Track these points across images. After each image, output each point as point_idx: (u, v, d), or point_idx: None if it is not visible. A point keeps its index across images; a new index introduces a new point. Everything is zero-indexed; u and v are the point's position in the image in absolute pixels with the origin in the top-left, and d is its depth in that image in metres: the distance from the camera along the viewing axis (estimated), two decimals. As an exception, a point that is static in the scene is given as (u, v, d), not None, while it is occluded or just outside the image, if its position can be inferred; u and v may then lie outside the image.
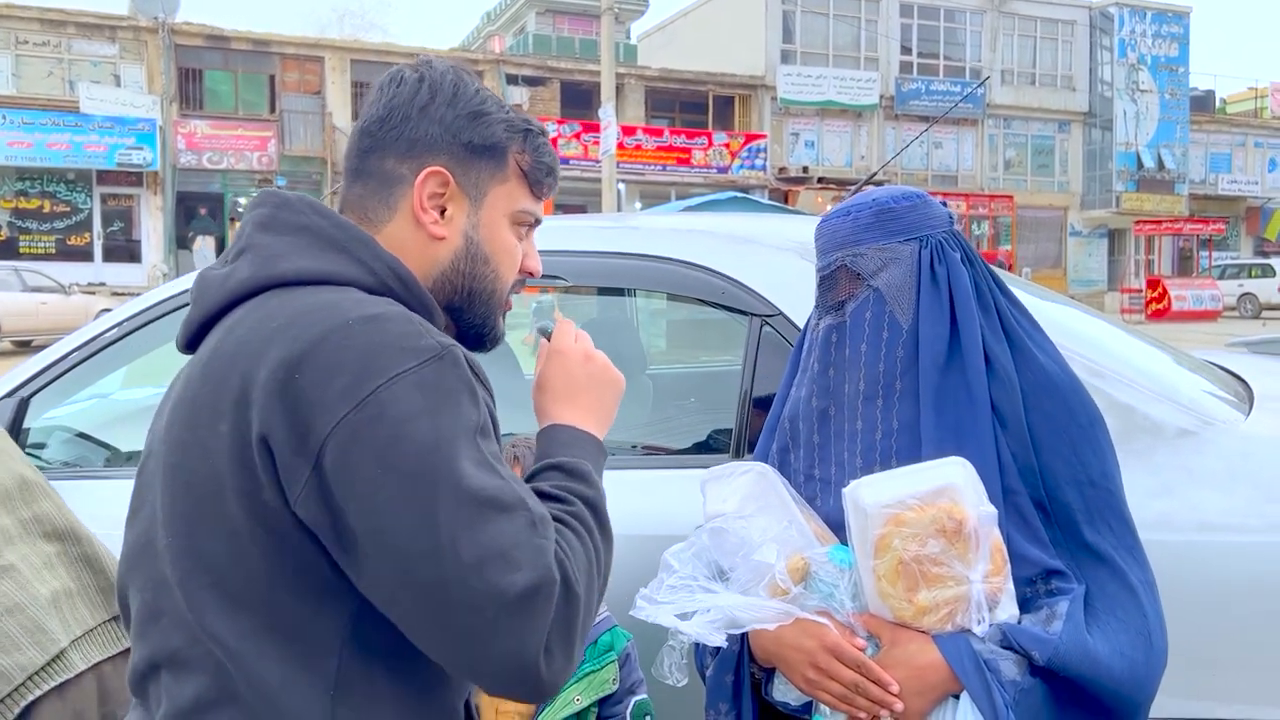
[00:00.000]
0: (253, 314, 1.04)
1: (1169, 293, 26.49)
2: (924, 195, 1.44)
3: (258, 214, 1.14)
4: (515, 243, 1.20)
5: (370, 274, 1.08)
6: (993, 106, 32.11)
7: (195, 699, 1.01)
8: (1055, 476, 1.34)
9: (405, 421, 0.94)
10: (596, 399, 1.20)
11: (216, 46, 25.19)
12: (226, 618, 1.00)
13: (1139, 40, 32.69)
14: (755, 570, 1.29)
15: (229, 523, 0.99)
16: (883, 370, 1.39)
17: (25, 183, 23.20)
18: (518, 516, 0.95)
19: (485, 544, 0.92)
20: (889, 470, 1.33)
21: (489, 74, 26.80)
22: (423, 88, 1.15)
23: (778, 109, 29.51)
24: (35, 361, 2.33)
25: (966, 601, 1.25)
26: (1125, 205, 32.42)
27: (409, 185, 1.14)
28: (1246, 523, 1.68)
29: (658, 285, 2.15)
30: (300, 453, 0.95)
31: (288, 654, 1.00)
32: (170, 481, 1.03)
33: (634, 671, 1.69)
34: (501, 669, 0.93)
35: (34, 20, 23.60)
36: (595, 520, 1.06)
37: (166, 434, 1.06)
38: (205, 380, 1.03)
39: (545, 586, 0.93)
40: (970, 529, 1.23)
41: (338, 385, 0.95)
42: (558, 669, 0.94)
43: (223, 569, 1.00)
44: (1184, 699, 1.66)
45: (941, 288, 1.38)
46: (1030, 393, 1.36)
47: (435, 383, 0.97)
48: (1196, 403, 1.86)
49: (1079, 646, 1.25)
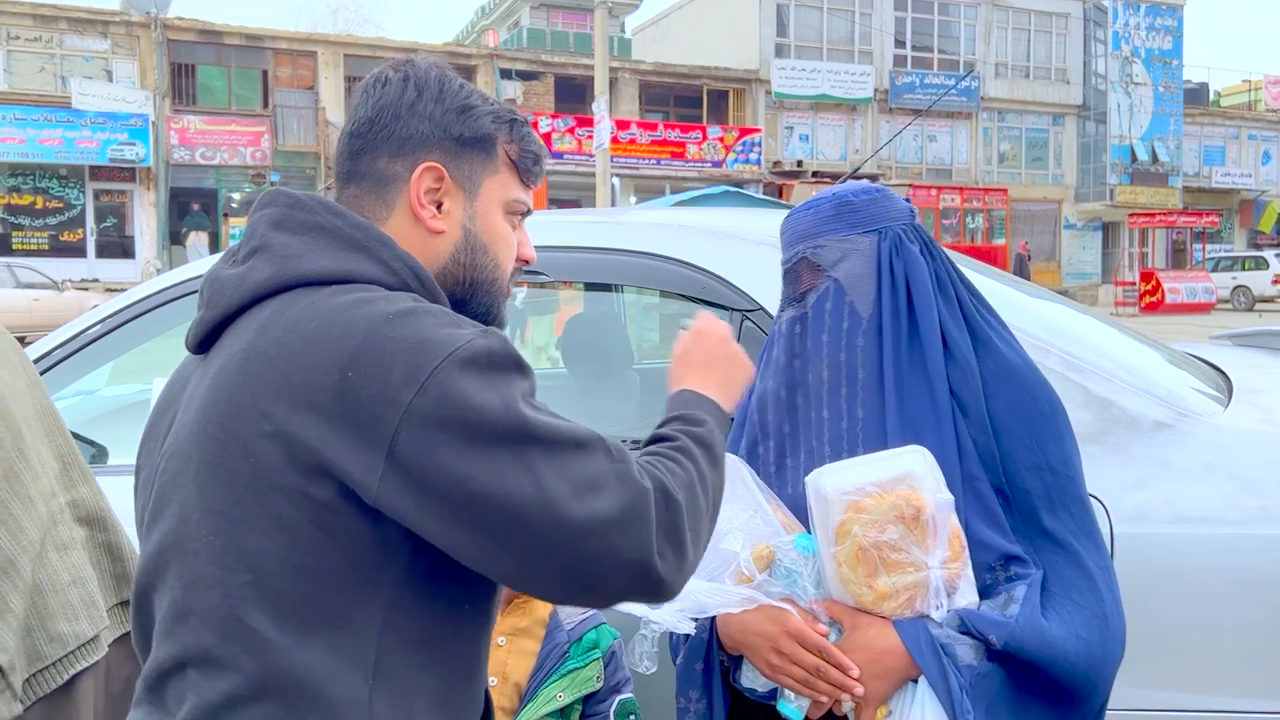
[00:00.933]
0: (284, 314, 1.05)
1: (1162, 285, 26.54)
2: (885, 190, 1.48)
3: (270, 213, 1.14)
4: (510, 231, 1.22)
5: (391, 273, 1.10)
6: (987, 100, 32.11)
7: (227, 695, 1.01)
8: (1015, 463, 1.36)
9: (469, 395, 0.98)
10: (727, 375, 1.27)
11: (209, 41, 25.12)
12: (269, 612, 1.01)
13: (1133, 33, 32.69)
14: (721, 558, 1.32)
15: (274, 520, 1.01)
16: (844, 360, 1.41)
17: (18, 179, 23.13)
18: (595, 449, 1.01)
19: (575, 479, 0.98)
20: (852, 458, 1.35)
21: (483, 68, 26.75)
22: (409, 86, 1.16)
23: (772, 103, 29.49)
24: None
25: (925, 587, 1.28)
26: (1119, 198, 32.45)
27: (404, 182, 1.15)
28: (1223, 515, 1.69)
29: (639, 280, 2.16)
30: (369, 446, 0.98)
31: (329, 644, 1.02)
32: (207, 480, 1.04)
33: (620, 670, 1.69)
34: (625, 579, 0.99)
35: (26, 15, 23.52)
36: (702, 451, 1.13)
37: (198, 434, 1.06)
38: (244, 381, 1.03)
39: (639, 498, 0.99)
40: (928, 515, 1.26)
41: (396, 375, 0.98)
42: (674, 567, 1.01)
43: (266, 565, 1.01)
44: (1161, 691, 1.67)
45: (900, 279, 1.41)
46: (991, 380, 1.39)
47: (486, 357, 1.01)
48: (1174, 396, 1.87)
49: (1035, 630, 1.27)
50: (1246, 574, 1.66)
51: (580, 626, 1.68)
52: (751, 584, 1.32)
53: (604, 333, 3.17)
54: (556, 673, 1.63)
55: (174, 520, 1.07)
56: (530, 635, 1.66)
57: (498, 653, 1.63)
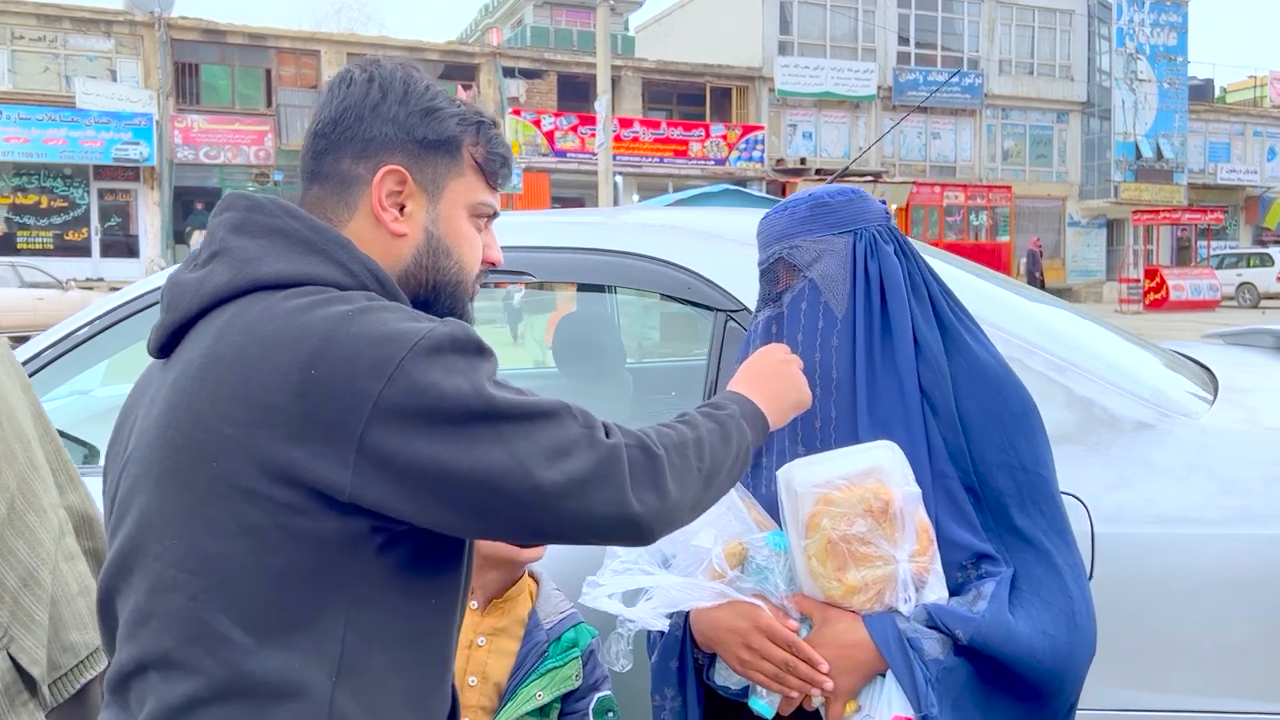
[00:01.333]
0: (241, 318, 1.05)
1: (1167, 283, 26.47)
2: (860, 191, 1.49)
3: (229, 217, 1.14)
4: (475, 234, 1.22)
5: (349, 275, 1.10)
6: (991, 97, 32.05)
7: (186, 697, 1.02)
8: (986, 462, 1.38)
9: (437, 382, 1.00)
10: (777, 389, 1.31)
11: (213, 41, 25.16)
12: (232, 615, 1.02)
13: (1137, 29, 32.60)
14: (694, 555, 1.33)
15: (236, 523, 1.01)
16: (819, 360, 1.42)
17: (22, 178, 23.19)
18: (562, 417, 1.04)
19: (547, 446, 1.02)
20: (823, 452, 1.37)
21: (485, 67, 26.76)
22: (373, 87, 1.16)
23: (775, 100, 29.47)
24: None
25: (894, 581, 1.29)
26: (1124, 195, 32.38)
27: (366, 185, 1.15)
28: (1204, 515, 1.69)
29: (623, 280, 2.16)
30: (337, 442, 0.99)
31: (292, 645, 1.02)
32: (169, 485, 1.04)
33: (598, 668, 1.69)
34: (607, 528, 1.04)
35: (30, 15, 23.57)
36: (709, 423, 1.17)
37: (158, 439, 1.06)
38: (203, 386, 1.03)
39: (610, 453, 1.03)
40: (896, 509, 1.27)
41: (361, 368, 0.99)
42: (655, 508, 1.05)
43: (228, 568, 1.02)
44: (1141, 691, 1.67)
45: (874, 279, 1.43)
46: (962, 379, 1.40)
47: (449, 344, 1.03)
48: (1158, 395, 1.87)
49: (1001, 625, 1.28)
50: (1227, 574, 1.66)
51: (559, 625, 1.68)
52: (724, 580, 1.33)
53: (596, 332, 3.18)
54: (536, 672, 1.63)
55: (136, 525, 1.07)
56: (509, 635, 1.66)
57: (478, 653, 1.64)
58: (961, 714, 1.28)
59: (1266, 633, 1.64)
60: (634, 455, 1.05)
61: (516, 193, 25.25)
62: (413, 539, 1.07)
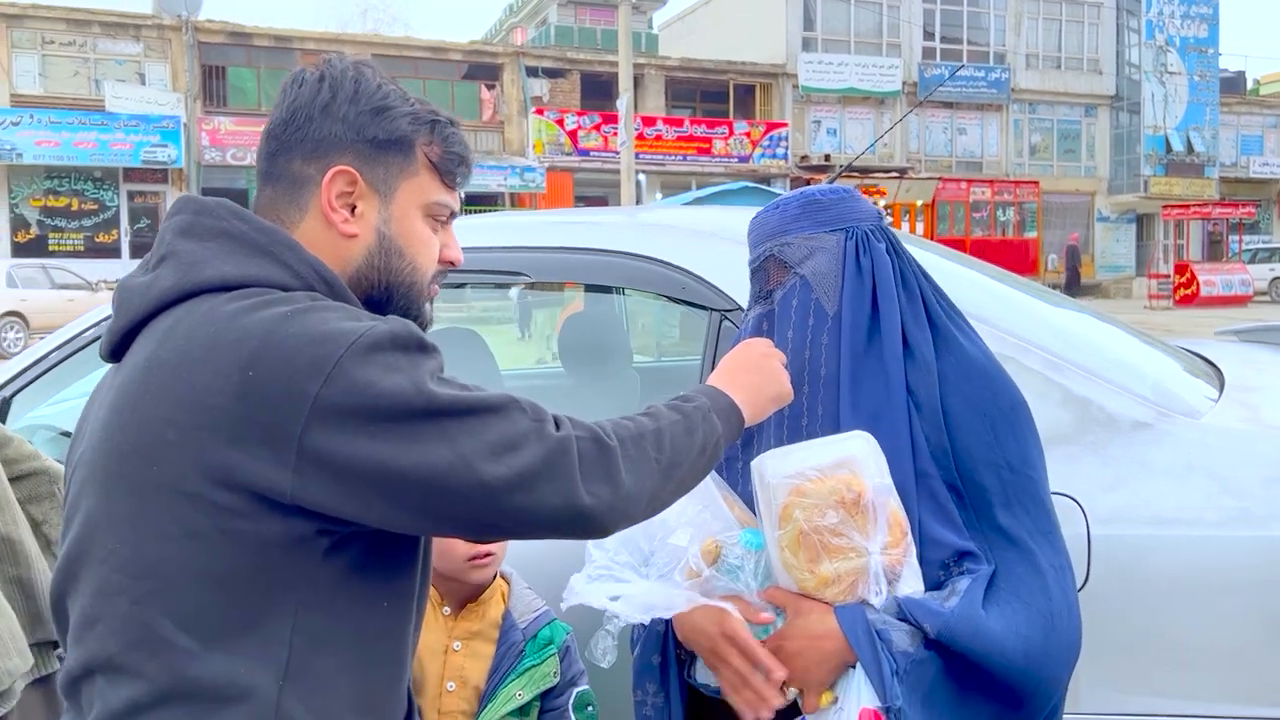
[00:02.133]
0: (184, 321, 1.05)
1: (1197, 278, 26.11)
2: (852, 191, 1.49)
3: (178, 220, 1.14)
4: (430, 234, 1.21)
5: (296, 277, 1.10)
6: (1018, 91, 31.76)
7: (130, 702, 1.02)
8: (972, 459, 1.36)
9: (375, 381, 0.99)
10: (756, 382, 1.29)
11: (239, 43, 25.37)
12: (175, 618, 1.01)
13: (1167, 21, 32.18)
14: (671, 554, 1.33)
15: (179, 527, 1.01)
16: (808, 357, 1.42)
17: (53, 181, 23.48)
18: (509, 410, 1.03)
19: (493, 441, 1.01)
20: (796, 443, 1.36)
21: (509, 66, 26.82)
22: (323, 87, 1.15)
23: (799, 97, 29.34)
24: (17, 361, 2.36)
25: (866, 573, 1.28)
26: (1153, 189, 31.98)
27: (317, 185, 1.15)
28: (1202, 516, 1.66)
29: (619, 280, 2.15)
30: (277, 444, 0.98)
31: (237, 649, 1.02)
32: (111, 489, 1.05)
33: (574, 663, 1.70)
34: (557, 521, 1.03)
35: (60, 20, 23.86)
36: (674, 415, 1.16)
37: (103, 443, 1.06)
38: (146, 390, 1.04)
39: (559, 445, 1.03)
40: (868, 500, 1.26)
41: (299, 368, 0.98)
42: (608, 501, 1.04)
43: (171, 572, 1.02)
44: (1138, 695, 1.65)
45: (865, 276, 1.42)
46: (951, 377, 1.39)
47: (389, 341, 1.02)
48: (1159, 394, 1.84)
49: (970, 622, 1.26)
50: (1225, 577, 1.63)
51: (534, 624, 1.68)
52: (698, 579, 1.32)
53: (602, 332, 3.17)
54: (514, 671, 1.64)
55: (82, 528, 1.08)
56: (484, 638, 1.66)
57: (454, 657, 1.64)
58: (932, 709, 1.27)
59: (1265, 636, 1.61)
60: (585, 447, 1.04)
61: (540, 192, 25.31)
62: (362, 541, 1.06)
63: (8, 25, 23.24)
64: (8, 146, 22.19)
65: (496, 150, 26.38)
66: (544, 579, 1.74)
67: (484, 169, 24.84)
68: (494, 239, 2.19)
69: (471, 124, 26.29)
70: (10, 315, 16.52)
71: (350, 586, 1.07)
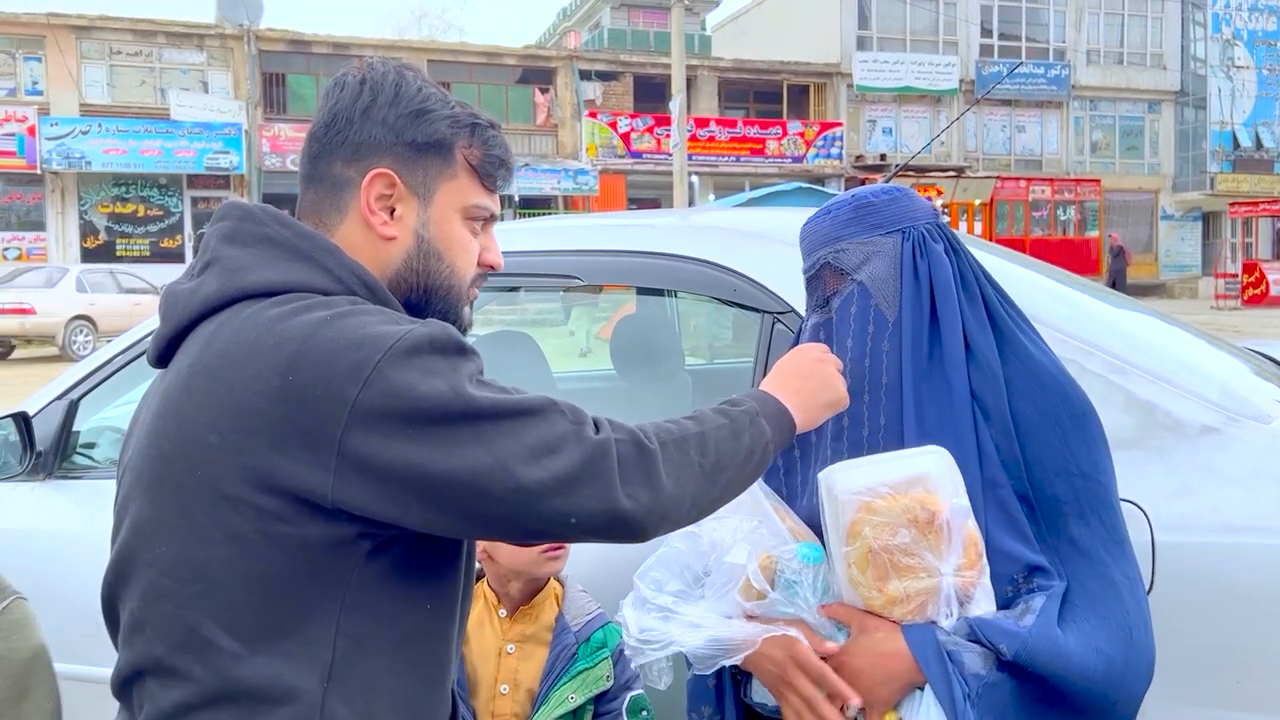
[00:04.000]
0: (227, 327, 1.07)
1: (1266, 277, 25.42)
2: (904, 189, 1.44)
3: (222, 227, 1.15)
4: (469, 237, 1.21)
5: (337, 281, 1.10)
6: (1079, 88, 31.16)
7: (179, 704, 1.04)
8: (1043, 468, 1.32)
9: (414, 385, 0.99)
10: (808, 388, 1.28)
11: (298, 51, 25.81)
12: (220, 622, 1.03)
13: (1234, 14, 31.35)
14: (729, 572, 1.30)
15: (223, 531, 1.02)
16: (869, 365, 1.38)
17: (120, 188, 24.09)
18: (549, 413, 1.03)
19: (533, 444, 1.00)
20: (867, 456, 1.32)
21: (562, 70, 26.95)
22: (364, 90, 1.16)
23: (854, 96, 29.09)
24: (84, 364, 2.42)
25: (937, 594, 1.24)
26: (1220, 186, 31.15)
27: (356, 188, 1.15)
28: (1273, 524, 1.60)
29: (671, 283, 2.14)
30: (317, 447, 0.99)
31: (282, 651, 1.03)
32: (156, 494, 1.06)
33: (629, 667, 1.68)
34: (596, 525, 1.02)
35: (126, 31, 24.47)
36: (719, 418, 1.15)
37: (149, 448, 1.08)
38: (189, 395, 1.05)
39: (598, 448, 1.02)
40: (943, 520, 1.22)
41: (338, 372, 0.99)
42: (647, 505, 1.03)
43: (216, 575, 1.03)
44: (1204, 707, 1.60)
45: (923, 279, 1.37)
46: (1019, 382, 1.34)
47: (428, 345, 1.02)
48: (1226, 398, 1.78)
49: (1049, 641, 1.22)
50: (1297, 586, 1.58)
51: (587, 627, 1.68)
52: (762, 602, 1.29)
53: (655, 334, 3.17)
54: (567, 674, 1.63)
55: (130, 532, 1.09)
56: (538, 640, 1.66)
57: (507, 660, 1.64)
58: None
59: (1340, 649, 1.56)
60: (624, 450, 1.03)
61: (593, 195, 25.38)
62: (404, 543, 1.06)
63: (77, 37, 23.90)
64: (78, 155, 22.83)
65: (550, 154, 26.52)
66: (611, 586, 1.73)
67: (538, 172, 24.99)
68: (546, 242, 2.20)
69: (525, 128, 26.46)
70: (80, 319, 16.96)
71: (393, 589, 1.07)
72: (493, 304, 3.72)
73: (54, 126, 22.84)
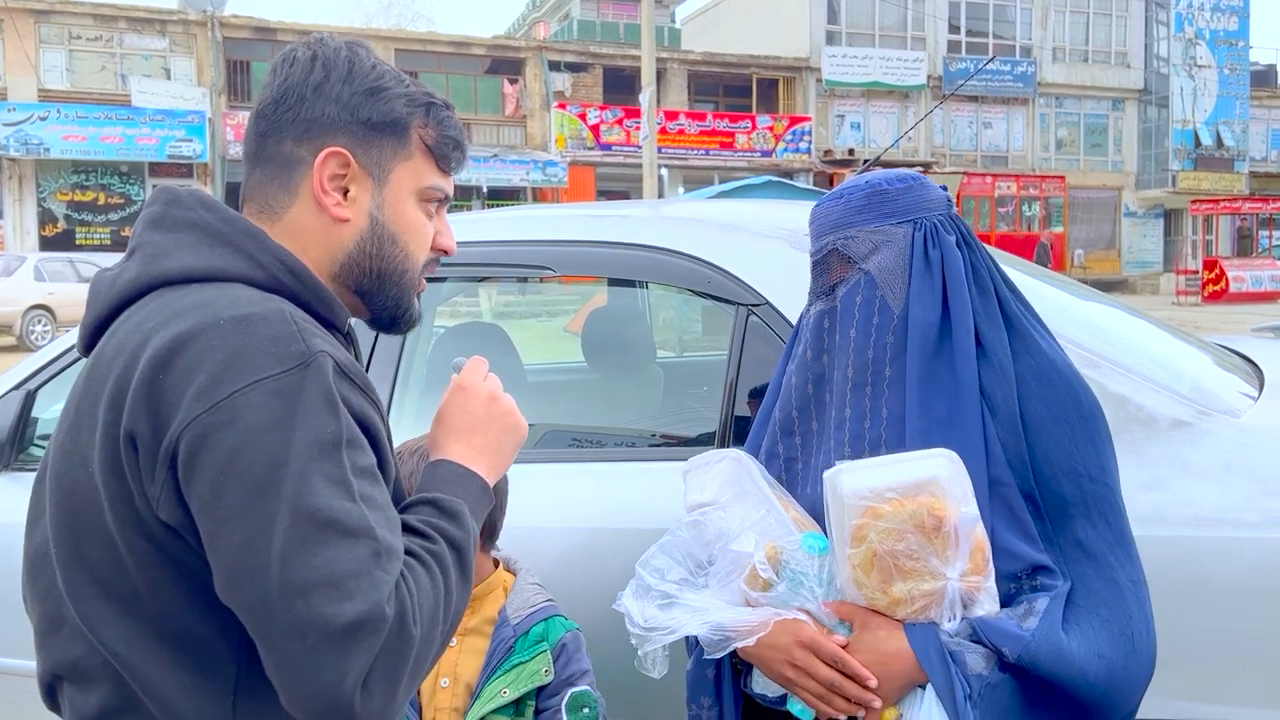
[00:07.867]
0: (135, 315, 1.02)
1: (1226, 274, 25.83)
2: (920, 177, 1.39)
3: (149, 212, 1.11)
4: (424, 220, 1.17)
5: (258, 268, 1.05)
6: (1044, 85, 31.46)
7: (99, 709, 1.01)
8: (1051, 467, 1.30)
9: (257, 432, 0.91)
10: (494, 440, 1.17)
11: (264, 38, 25.48)
12: (118, 627, 0.99)
13: (1196, 14, 31.78)
14: (734, 561, 1.28)
15: (109, 531, 0.98)
16: (872, 357, 1.35)
17: (80, 175, 23.69)
18: (360, 544, 0.91)
19: (317, 568, 0.88)
20: (874, 457, 1.30)
21: (531, 61, 26.82)
22: (316, 66, 1.11)
23: (823, 91, 29.18)
24: (42, 354, 2.37)
25: (941, 597, 1.23)
26: (1182, 184, 31.61)
27: (308, 168, 1.10)
28: (1243, 518, 1.62)
29: (644, 275, 2.13)
30: (157, 453, 0.94)
31: (183, 661, 0.99)
32: (56, 489, 1.03)
33: (574, 663, 1.63)
34: (314, 700, 0.89)
35: (87, 16, 24.05)
36: (456, 562, 1.03)
37: (55, 442, 1.05)
38: (88, 386, 1.01)
39: (373, 621, 0.89)
40: (950, 527, 1.20)
41: (196, 385, 0.93)
42: (376, 709, 0.90)
43: (109, 578, 0.99)
44: (1179, 700, 1.61)
45: (934, 271, 1.34)
46: (1030, 380, 1.32)
47: (296, 392, 0.94)
48: (1197, 392, 1.79)
49: (1052, 644, 1.21)
50: (1267, 579, 1.59)
51: (528, 620, 1.64)
52: (768, 592, 1.28)
53: (626, 326, 3.15)
54: (502, 668, 1.60)
55: (42, 531, 1.06)
56: (480, 634, 1.63)
57: (448, 654, 1.61)
58: None
59: (1309, 642, 1.57)
60: (391, 633, 0.91)
61: (562, 186, 25.30)
62: None
63: (36, 21, 23.45)
64: (35, 141, 22.40)
65: (519, 145, 26.39)
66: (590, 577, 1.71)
67: (506, 163, 24.85)
68: (518, 232, 2.17)
69: (494, 118, 26.32)
70: (38, 309, 16.68)
71: None
72: (461, 295, 3.69)
73: (11, 112, 22.39)
